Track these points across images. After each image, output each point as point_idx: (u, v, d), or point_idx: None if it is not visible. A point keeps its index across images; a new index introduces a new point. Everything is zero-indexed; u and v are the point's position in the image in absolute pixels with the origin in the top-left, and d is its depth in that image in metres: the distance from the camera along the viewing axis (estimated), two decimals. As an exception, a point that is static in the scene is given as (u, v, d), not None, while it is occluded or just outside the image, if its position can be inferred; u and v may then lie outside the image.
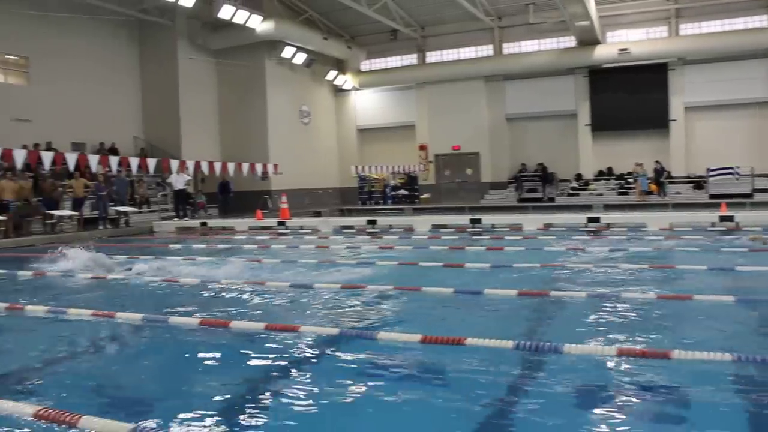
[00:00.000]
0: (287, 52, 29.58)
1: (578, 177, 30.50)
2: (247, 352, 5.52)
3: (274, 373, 4.83)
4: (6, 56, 24.20)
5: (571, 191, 29.76)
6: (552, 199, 29.24)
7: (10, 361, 5.62)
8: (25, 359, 5.55)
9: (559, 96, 30.94)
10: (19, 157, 18.16)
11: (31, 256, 13.10)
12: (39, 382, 4.94)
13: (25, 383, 4.90)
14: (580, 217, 17.39)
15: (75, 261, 11.02)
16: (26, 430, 3.79)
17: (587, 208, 21.91)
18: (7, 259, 13.93)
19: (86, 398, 4.48)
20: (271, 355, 5.34)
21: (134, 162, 21.29)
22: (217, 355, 5.58)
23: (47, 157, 18.76)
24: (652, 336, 5.46)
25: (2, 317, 7.49)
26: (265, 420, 3.85)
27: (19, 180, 19.25)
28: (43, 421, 3.80)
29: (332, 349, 5.42)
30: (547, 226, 16.79)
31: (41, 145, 22.08)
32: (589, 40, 28.84)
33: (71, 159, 19.41)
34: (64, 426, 3.72)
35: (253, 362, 5.14)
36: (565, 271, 9.16)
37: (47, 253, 11.70)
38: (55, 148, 22.08)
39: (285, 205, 21.82)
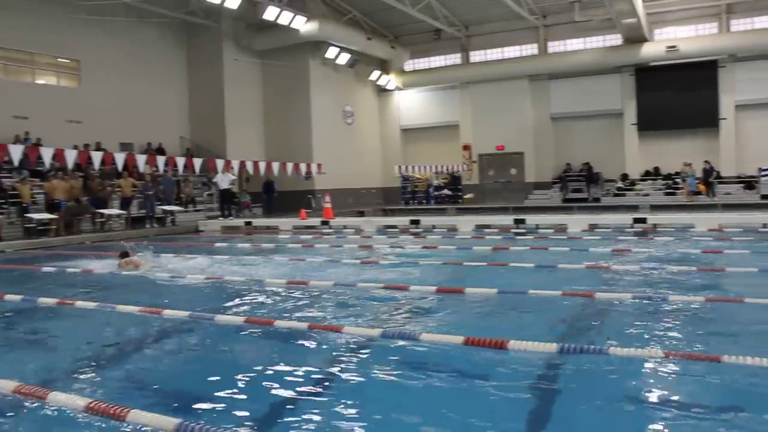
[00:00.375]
0: (331, 52, 29.74)
1: (624, 177, 30.05)
2: (290, 351, 5.57)
3: (317, 373, 4.85)
4: (59, 60, 24.84)
5: (616, 191, 29.34)
6: (597, 200, 28.86)
7: (62, 355, 5.77)
8: (75, 354, 5.68)
9: (605, 95, 30.53)
10: (70, 157, 18.60)
11: (81, 254, 13.42)
12: (89, 376, 5.05)
13: (76, 377, 5.02)
14: (626, 218, 17.12)
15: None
16: (78, 422, 3.89)
17: (633, 208, 21.54)
18: (60, 256, 14.25)
19: (133, 393, 4.57)
20: (314, 355, 5.38)
21: (180, 162, 21.63)
22: (261, 353, 5.65)
23: (97, 157, 19.17)
24: (700, 339, 5.36)
25: (53, 312, 7.69)
26: (307, 419, 3.88)
27: (69, 180, 19.73)
28: (94, 413, 3.90)
29: (374, 349, 5.43)
30: (592, 226, 16.58)
31: (91, 145, 22.59)
32: (635, 38, 28.39)
33: (119, 159, 19.82)
34: (113, 419, 3.81)
35: (296, 361, 5.17)
36: (610, 273, 9.04)
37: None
38: (104, 148, 22.57)
39: (328, 205, 21.95)
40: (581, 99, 30.99)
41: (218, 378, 4.98)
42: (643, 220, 16.63)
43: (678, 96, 28.97)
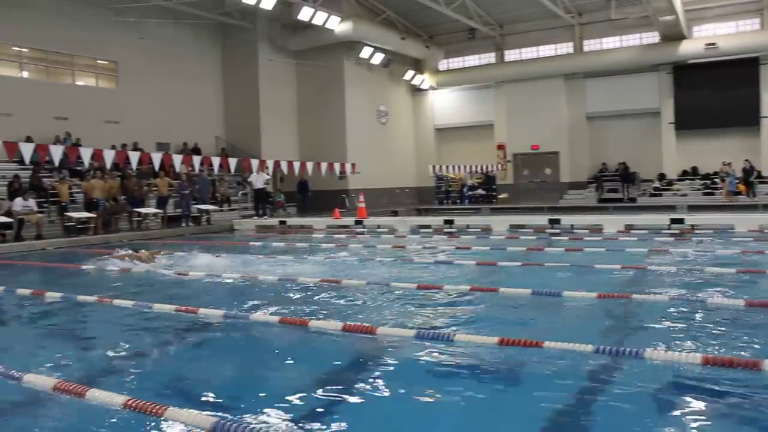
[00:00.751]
0: (365, 52, 29.80)
1: (661, 177, 29.61)
2: (324, 351, 5.60)
3: (351, 374, 4.87)
4: (98, 61, 25.28)
5: (653, 192, 28.92)
6: (633, 200, 28.50)
7: (100, 352, 5.86)
8: (113, 351, 5.77)
9: (642, 93, 30.12)
10: (109, 157, 18.89)
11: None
12: (127, 373, 5.13)
13: (114, 374, 5.10)
14: (663, 219, 16.85)
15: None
16: (116, 419, 3.95)
17: (670, 209, 21.23)
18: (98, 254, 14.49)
19: (170, 390, 4.64)
20: (348, 356, 5.40)
21: (216, 161, 21.84)
22: (296, 353, 5.68)
23: (134, 157, 19.44)
24: (739, 344, 5.25)
25: (92, 310, 7.82)
26: (340, 419, 3.89)
27: (108, 179, 20.05)
28: (132, 410, 3.96)
29: (409, 350, 5.42)
30: (628, 227, 16.36)
31: (128, 145, 22.93)
32: (673, 36, 27.95)
33: (156, 159, 20.06)
34: (150, 416, 3.86)
35: (330, 362, 5.19)
36: (646, 274, 8.92)
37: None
38: (141, 148, 22.87)
39: (362, 205, 21.99)
40: (617, 98, 30.62)
41: (253, 377, 5.04)
42: (680, 221, 16.37)
43: (717, 94, 28.47)
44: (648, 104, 30.14)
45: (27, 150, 16.78)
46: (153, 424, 3.80)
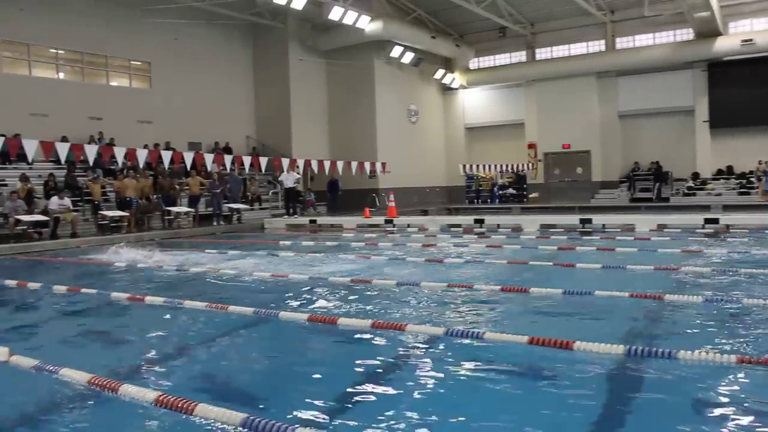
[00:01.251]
0: (395, 51, 29.81)
1: (695, 176, 29.19)
2: (353, 349, 5.61)
3: (379, 371, 4.88)
4: (131, 62, 25.63)
5: (687, 191, 28.52)
6: (666, 199, 28.13)
7: (131, 349, 5.95)
8: (146, 348, 5.84)
9: (676, 91, 29.72)
10: (141, 156, 19.14)
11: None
12: (158, 369, 5.19)
13: (145, 370, 5.16)
14: (697, 219, 16.61)
15: None
16: (147, 414, 4.01)
17: (705, 208, 20.92)
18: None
19: (200, 387, 4.67)
20: (377, 353, 5.40)
21: (247, 161, 21.99)
22: (325, 351, 5.71)
23: (166, 156, 19.66)
24: (775, 344, 5.17)
25: (125, 307, 7.93)
26: (369, 417, 3.90)
27: (140, 178, 20.31)
28: (163, 406, 4.01)
29: (438, 348, 5.42)
30: (661, 227, 16.17)
31: (161, 144, 23.20)
32: (708, 32, 27.51)
33: (188, 158, 20.27)
34: (181, 412, 3.91)
35: (359, 359, 5.20)
36: (680, 275, 8.81)
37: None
38: (173, 147, 23.11)
39: (392, 204, 22.00)
40: (650, 96, 30.23)
41: (282, 374, 5.07)
42: (715, 221, 16.12)
43: (753, 92, 27.93)
44: (682, 102, 29.72)
45: (63, 150, 17.06)
46: (183, 420, 3.84)
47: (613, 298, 7.08)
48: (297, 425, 3.50)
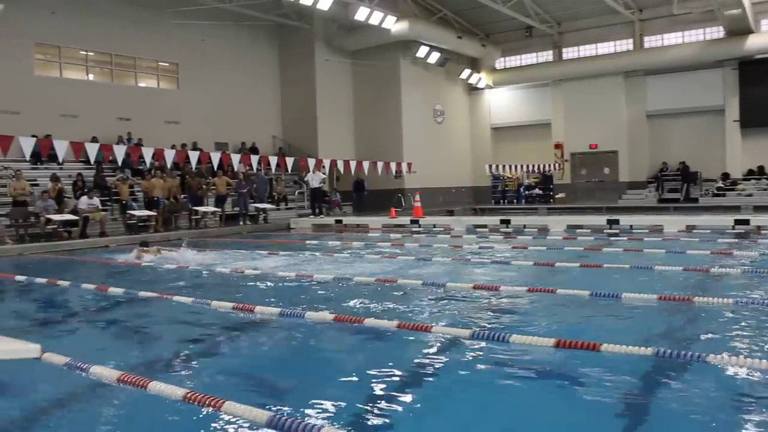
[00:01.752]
0: (421, 51, 29.78)
1: (725, 176, 28.78)
2: (379, 349, 5.62)
3: (405, 372, 4.88)
4: (159, 63, 25.90)
5: (716, 191, 28.13)
6: (695, 200, 27.78)
7: (160, 346, 6.02)
8: (173, 346, 5.91)
9: (705, 90, 29.32)
10: (169, 156, 19.33)
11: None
12: (186, 367, 5.25)
13: (173, 368, 5.22)
14: (727, 220, 16.40)
15: None
16: (176, 411, 4.05)
17: (735, 209, 20.64)
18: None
19: (227, 385, 4.73)
20: (402, 354, 5.41)
21: (273, 161, 22.08)
22: (350, 351, 5.72)
23: (193, 156, 19.83)
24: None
25: (153, 305, 8.01)
26: (394, 417, 3.91)
27: (167, 178, 20.51)
28: (191, 403, 4.05)
29: (463, 350, 5.41)
30: (690, 228, 15.99)
31: (188, 145, 23.40)
32: (739, 30, 27.10)
33: (215, 158, 20.41)
34: (209, 409, 3.95)
35: (384, 360, 5.21)
36: (709, 277, 8.70)
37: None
38: (200, 147, 23.29)
39: (418, 204, 21.99)
40: (679, 95, 29.86)
41: (308, 374, 5.09)
42: (745, 222, 15.90)
43: (786, 91, 27.50)
44: (711, 101, 29.33)
45: (92, 150, 17.28)
46: (211, 417, 3.88)
47: (642, 300, 7.01)
48: (323, 424, 3.52)
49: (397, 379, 4.70)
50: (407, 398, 4.28)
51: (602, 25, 31.33)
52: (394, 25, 27.71)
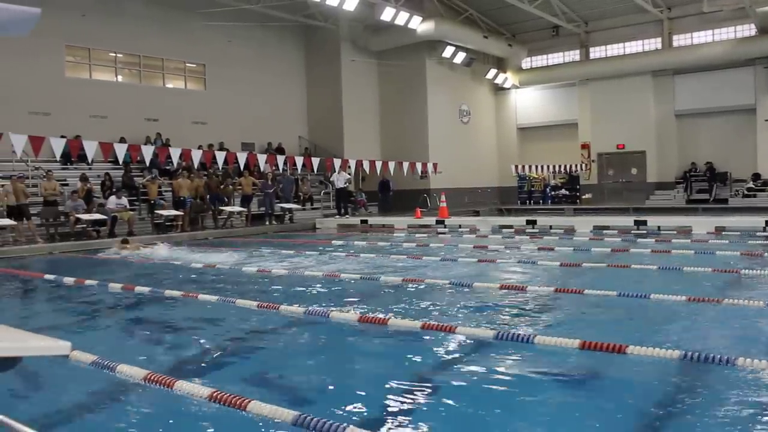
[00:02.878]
0: (447, 51, 29.70)
1: (756, 177, 28.30)
2: (403, 349, 5.61)
3: (429, 373, 4.87)
4: (187, 64, 26.13)
5: (746, 192, 27.71)
6: (724, 201, 27.40)
7: (186, 346, 6.06)
8: (199, 345, 5.96)
9: (736, 90, 28.86)
10: (196, 157, 19.48)
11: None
12: (211, 366, 5.29)
13: (199, 367, 5.27)
14: (758, 221, 16.14)
15: None
16: (202, 410, 4.08)
17: (766, 210, 20.34)
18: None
19: (253, 384, 4.76)
20: (427, 355, 5.40)
21: (299, 161, 22.15)
22: (375, 351, 5.73)
23: (220, 156, 19.97)
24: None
25: (179, 304, 8.07)
26: (417, 418, 3.90)
27: (194, 178, 20.69)
28: (217, 402, 4.07)
29: (488, 351, 5.39)
30: (719, 229, 15.75)
31: (215, 145, 23.58)
32: (772, 28, 26.69)
33: (241, 158, 20.53)
34: (234, 408, 3.96)
35: (408, 361, 5.22)
36: (740, 278, 8.58)
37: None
38: (227, 148, 23.44)
39: (444, 204, 21.95)
40: (709, 94, 29.43)
41: (333, 373, 5.10)
42: (776, 223, 15.65)
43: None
44: (742, 101, 28.88)
45: (121, 150, 17.49)
46: (237, 416, 3.90)
47: (670, 301, 6.94)
48: (348, 424, 3.52)
49: (421, 379, 4.69)
50: (430, 399, 4.28)
51: (630, 24, 31.00)
52: (419, 25, 27.68)
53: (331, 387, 4.66)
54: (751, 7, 24.63)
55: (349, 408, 4.06)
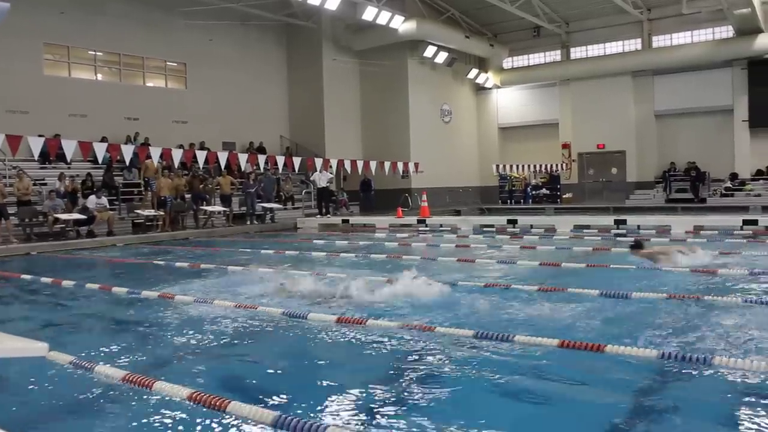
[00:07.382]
0: (429, 51, 29.76)
1: (733, 176, 28.63)
2: (383, 350, 5.60)
3: (408, 372, 4.86)
4: (167, 63, 25.97)
5: (724, 192, 28.00)
6: (703, 200, 27.67)
7: (165, 346, 6.02)
8: (176, 346, 5.93)
9: (714, 90, 29.15)
10: (176, 156, 19.36)
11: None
12: (189, 367, 5.25)
13: (177, 367, 5.24)
14: (735, 220, 16.32)
15: None
16: (180, 410, 4.06)
17: (743, 210, 20.55)
18: (162, 251, 14.87)
19: (232, 385, 4.74)
20: (406, 355, 5.39)
21: (280, 160, 22.08)
22: (354, 351, 5.70)
23: (201, 156, 19.86)
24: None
25: (155, 305, 8.00)
26: (397, 418, 3.91)
27: (175, 178, 20.56)
28: (196, 403, 4.06)
29: (468, 349, 5.39)
30: (698, 228, 15.89)
31: (195, 144, 23.45)
32: (749, 29, 26.92)
33: (222, 158, 20.43)
34: (214, 409, 3.95)
35: (387, 360, 5.22)
36: (717, 277, 8.65)
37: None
38: (208, 147, 23.32)
39: (425, 204, 21.98)
40: (688, 95, 29.70)
41: (312, 374, 5.09)
42: (754, 222, 15.82)
43: (795, 91, 27.31)
44: (720, 101, 29.18)
45: (100, 150, 17.35)
46: (216, 417, 3.88)
47: (650, 300, 6.99)
48: (328, 424, 3.51)
49: (400, 379, 4.69)
50: (410, 398, 4.28)
51: (610, 25, 31.22)
52: (401, 24, 27.71)
53: (310, 388, 4.65)
54: (729, 9, 24.87)
55: (328, 409, 4.06)
